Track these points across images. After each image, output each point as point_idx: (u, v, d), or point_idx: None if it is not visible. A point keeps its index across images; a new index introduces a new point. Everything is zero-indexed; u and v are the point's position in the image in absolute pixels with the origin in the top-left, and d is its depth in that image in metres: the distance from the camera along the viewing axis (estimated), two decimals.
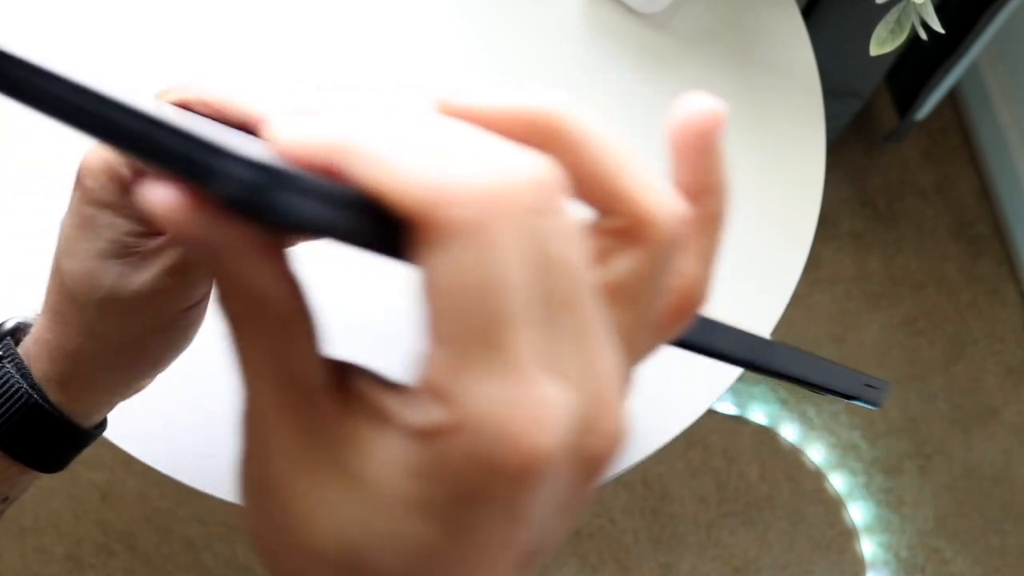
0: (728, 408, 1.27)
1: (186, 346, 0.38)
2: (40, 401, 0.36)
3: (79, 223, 0.34)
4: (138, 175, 0.34)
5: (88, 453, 0.39)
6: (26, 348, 0.37)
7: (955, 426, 1.30)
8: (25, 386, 0.36)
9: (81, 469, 1.13)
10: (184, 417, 0.53)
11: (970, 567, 1.23)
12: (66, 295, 0.35)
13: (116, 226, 0.34)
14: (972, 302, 1.36)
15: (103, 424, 0.40)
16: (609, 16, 0.63)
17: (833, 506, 1.24)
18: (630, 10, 0.64)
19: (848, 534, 1.23)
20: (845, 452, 1.27)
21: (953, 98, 1.45)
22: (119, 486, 1.16)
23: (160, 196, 0.17)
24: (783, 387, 1.29)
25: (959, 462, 1.28)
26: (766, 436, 1.27)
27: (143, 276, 0.34)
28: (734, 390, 1.28)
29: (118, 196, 0.34)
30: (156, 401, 0.52)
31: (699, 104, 0.21)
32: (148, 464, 0.52)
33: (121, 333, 0.36)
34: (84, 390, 0.37)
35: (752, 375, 1.29)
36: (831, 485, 1.25)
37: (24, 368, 0.36)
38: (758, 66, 0.64)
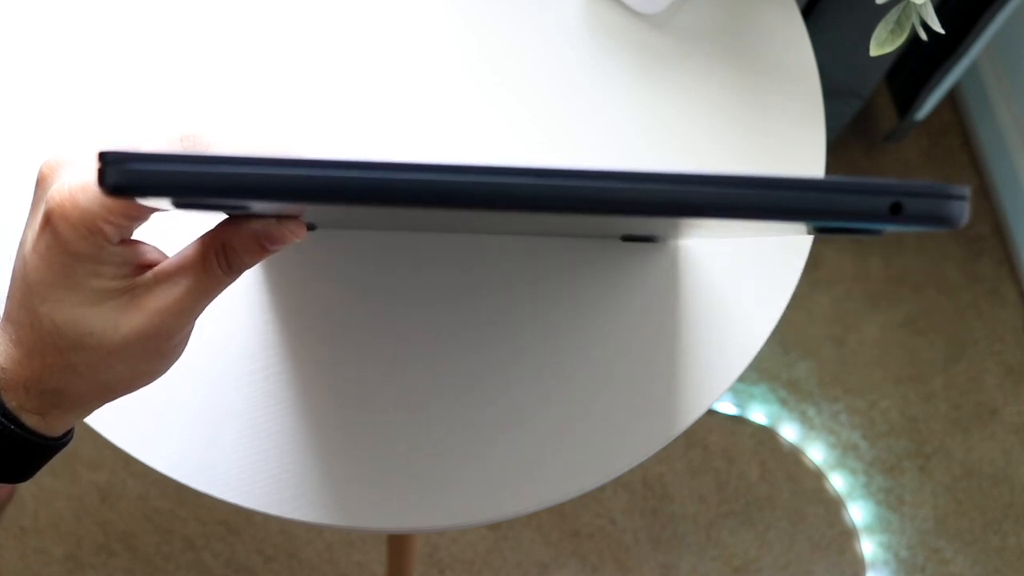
0: (728, 408, 1.27)
1: (175, 361, 0.36)
2: (16, 429, 0.33)
3: (56, 270, 0.31)
4: (123, 229, 0.31)
5: (88, 453, 0.38)
6: None
7: (955, 426, 1.30)
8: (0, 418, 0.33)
9: (81, 469, 1.13)
10: (184, 417, 0.53)
11: (970, 567, 1.23)
12: (45, 339, 0.32)
13: (100, 273, 0.31)
14: (972, 302, 1.36)
15: (73, 430, 0.38)
16: (609, 16, 0.63)
17: (833, 506, 1.24)
18: (630, 10, 0.64)
19: (848, 534, 1.23)
20: (845, 452, 1.27)
21: (953, 98, 1.45)
22: (119, 486, 1.16)
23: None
24: (783, 387, 1.29)
25: (959, 462, 1.28)
26: (766, 436, 1.27)
27: (134, 320, 0.32)
28: (734, 390, 1.28)
29: (99, 249, 0.31)
30: (156, 401, 0.52)
31: None
32: (148, 464, 0.52)
33: (108, 373, 0.33)
34: (63, 417, 0.35)
35: (751, 375, 1.29)
36: (831, 485, 1.25)
37: None
38: (758, 66, 0.64)
